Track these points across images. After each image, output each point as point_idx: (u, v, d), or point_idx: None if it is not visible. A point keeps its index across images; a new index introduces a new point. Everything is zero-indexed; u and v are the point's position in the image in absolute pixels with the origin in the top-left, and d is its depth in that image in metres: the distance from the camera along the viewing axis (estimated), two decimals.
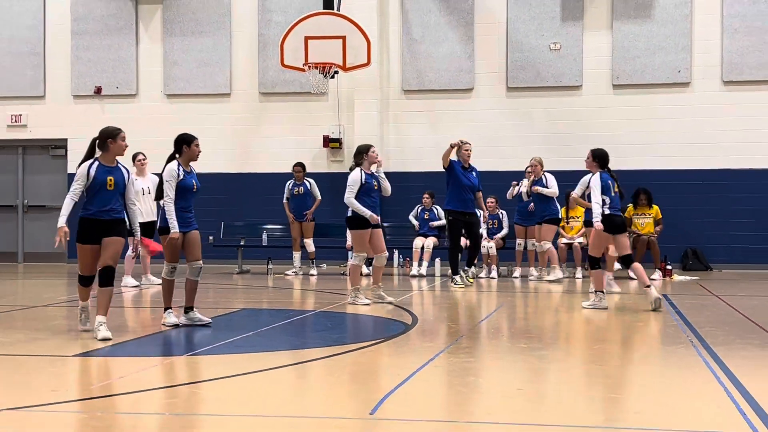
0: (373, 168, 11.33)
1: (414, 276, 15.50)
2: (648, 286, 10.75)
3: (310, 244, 16.12)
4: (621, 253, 11.14)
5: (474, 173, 13.73)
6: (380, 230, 11.41)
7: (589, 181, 10.90)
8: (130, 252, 9.64)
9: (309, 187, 16.12)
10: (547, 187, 14.70)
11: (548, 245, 14.62)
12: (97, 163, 8.36)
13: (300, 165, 16.26)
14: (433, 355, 7.50)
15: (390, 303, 11.15)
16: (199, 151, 9.21)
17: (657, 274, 15.06)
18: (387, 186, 11.46)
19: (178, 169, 9.00)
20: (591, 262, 11.13)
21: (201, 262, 9.23)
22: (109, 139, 8.38)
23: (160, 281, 13.48)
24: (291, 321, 10.05)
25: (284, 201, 16.27)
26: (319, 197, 16.13)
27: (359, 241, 11.19)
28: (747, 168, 16.98)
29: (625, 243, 11.08)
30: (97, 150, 8.46)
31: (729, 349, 7.73)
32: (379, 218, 11.27)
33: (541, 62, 17.62)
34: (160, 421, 5.44)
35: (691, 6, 17.20)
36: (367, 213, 11.05)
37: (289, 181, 16.27)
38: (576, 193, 11.63)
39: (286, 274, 15.98)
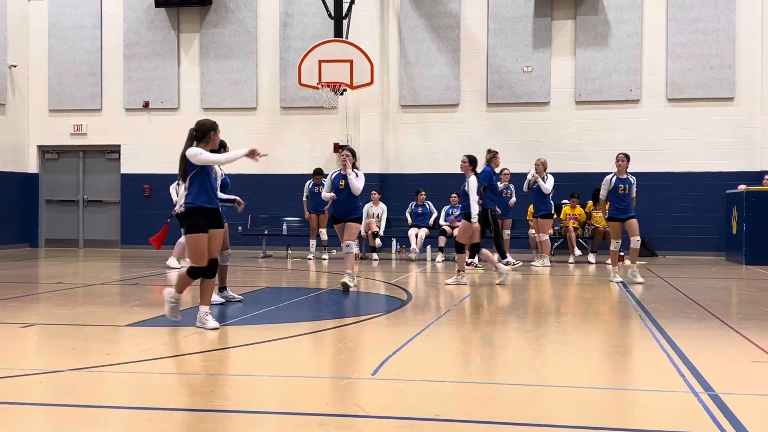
0: (349, 169, 10.47)
1: (411, 258, 15.54)
2: (496, 269, 11.17)
3: (323, 233, 16.13)
4: (474, 241, 11.13)
5: None
6: (352, 224, 10.52)
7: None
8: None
9: None
10: (545, 183, 14.50)
11: (545, 237, 14.43)
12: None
13: (319, 171, 16.22)
14: (425, 326, 7.50)
15: (352, 287, 10.27)
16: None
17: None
18: (354, 185, 10.38)
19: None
20: (458, 248, 11.09)
21: (230, 250, 9.21)
22: (212, 131, 7.37)
23: None
24: (307, 297, 10.06)
25: (304, 199, 16.24)
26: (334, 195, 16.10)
27: (337, 232, 10.79)
28: (687, 171, 16.98)
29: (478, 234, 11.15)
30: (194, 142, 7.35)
31: (671, 322, 7.74)
32: (333, 195, 10.45)
33: (515, 82, 17.59)
34: (198, 380, 5.45)
35: (641, 35, 17.20)
36: (327, 195, 10.58)
37: (308, 182, 16.23)
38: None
39: (308, 258, 15.94)
